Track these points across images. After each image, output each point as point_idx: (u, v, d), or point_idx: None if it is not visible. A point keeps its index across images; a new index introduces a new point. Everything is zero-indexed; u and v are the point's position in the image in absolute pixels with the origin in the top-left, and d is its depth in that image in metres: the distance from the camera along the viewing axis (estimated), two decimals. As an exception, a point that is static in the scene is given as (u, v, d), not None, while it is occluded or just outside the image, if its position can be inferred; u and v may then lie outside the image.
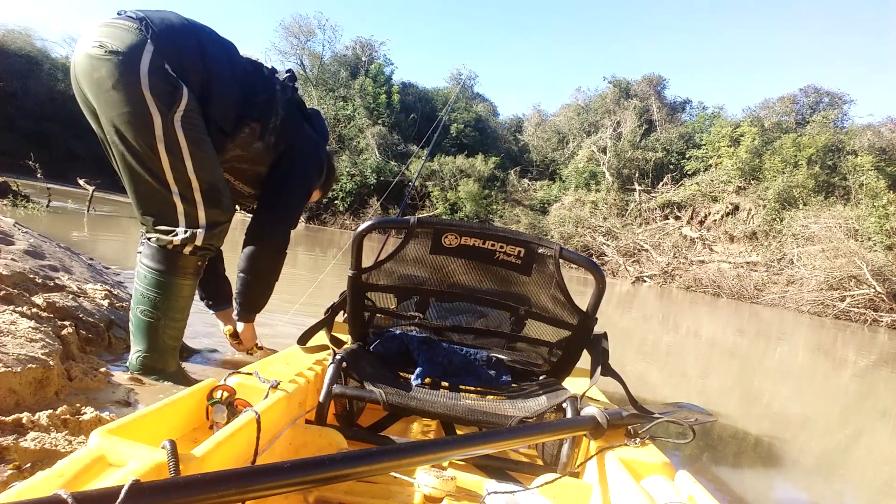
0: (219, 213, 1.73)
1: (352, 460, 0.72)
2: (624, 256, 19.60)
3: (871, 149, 18.94)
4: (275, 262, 2.01)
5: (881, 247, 13.94)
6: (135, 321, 1.76)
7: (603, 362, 1.30)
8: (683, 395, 3.16)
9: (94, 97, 1.55)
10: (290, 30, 29.77)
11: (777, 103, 23.90)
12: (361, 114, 26.33)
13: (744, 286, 15.45)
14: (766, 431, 2.65)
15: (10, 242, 2.86)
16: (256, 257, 1.95)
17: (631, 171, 23.76)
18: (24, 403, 1.35)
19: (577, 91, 30.87)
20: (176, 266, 1.72)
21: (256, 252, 1.95)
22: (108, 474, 0.66)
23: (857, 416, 3.47)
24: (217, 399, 0.97)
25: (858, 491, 2.18)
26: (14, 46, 27.31)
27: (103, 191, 11.42)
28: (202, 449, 0.77)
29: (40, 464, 1.10)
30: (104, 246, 5.48)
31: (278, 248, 1.99)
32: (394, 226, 1.31)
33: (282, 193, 1.96)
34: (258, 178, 1.96)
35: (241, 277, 1.99)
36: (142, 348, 1.76)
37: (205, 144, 1.66)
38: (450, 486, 1.06)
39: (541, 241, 1.25)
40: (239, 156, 1.86)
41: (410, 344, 1.50)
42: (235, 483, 0.60)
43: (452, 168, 24.31)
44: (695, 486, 0.95)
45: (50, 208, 8.72)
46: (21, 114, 26.11)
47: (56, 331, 1.76)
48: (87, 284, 2.61)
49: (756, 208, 18.92)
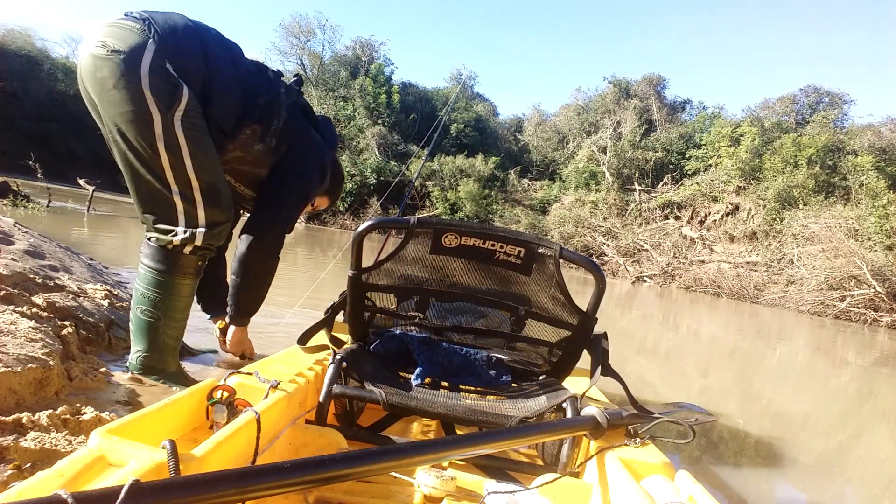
0: (218, 213, 1.73)
1: (352, 460, 0.72)
2: (624, 256, 19.60)
3: (871, 149, 18.94)
4: (267, 263, 1.96)
5: (881, 247, 13.94)
6: (135, 321, 1.76)
7: (603, 362, 1.30)
8: (683, 394, 3.16)
9: (97, 96, 1.57)
10: (289, 30, 29.83)
11: (777, 103, 23.91)
12: (361, 114, 26.34)
13: (744, 286, 15.44)
14: (766, 431, 2.65)
15: (11, 242, 2.86)
16: (248, 258, 1.91)
17: (631, 170, 23.76)
18: (24, 403, 1.34)
19: (577, 91, 30.96)
20: (176, 266, 1.73)
21: (248, 252, 1.90)
22: (109, 474, 0.66)
23: (857, 416, 3.47)
24: (217, 399, 0.97)
25: (859, 491, 2.18)
26: (14, 46, 27.31)
27: (103, 191, 11.44)
28: (202, 449, 0.77)
29: (40, 464, 1.10)
30: (104, 246, 5.48)
31: (271, 250, 1.94)
32: (394, 226, 1.31)
33: (278, 193, 1.94)
34: (259, 180, 1.95)
35: (232, 279, 1.95)
36: (142, 348, 1.76)
37: (205, 144, 1.66)
38: (450, 486, 1.06)
39: (541, 241, 1.25)
40: (239, 157, 1.85)
41: (410, 344, 1.50)
42: (235, 483, 0.60)
43: (452, 168, 24.31)
44: (695, 486, 0.95)
45: (50, 208, 8.72)
46: (21, 114, 26.13)
47: (56, 331, 1.76)
48: (87, 284, 2.61)
49: (756, 208, 18.92)
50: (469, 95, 31.45)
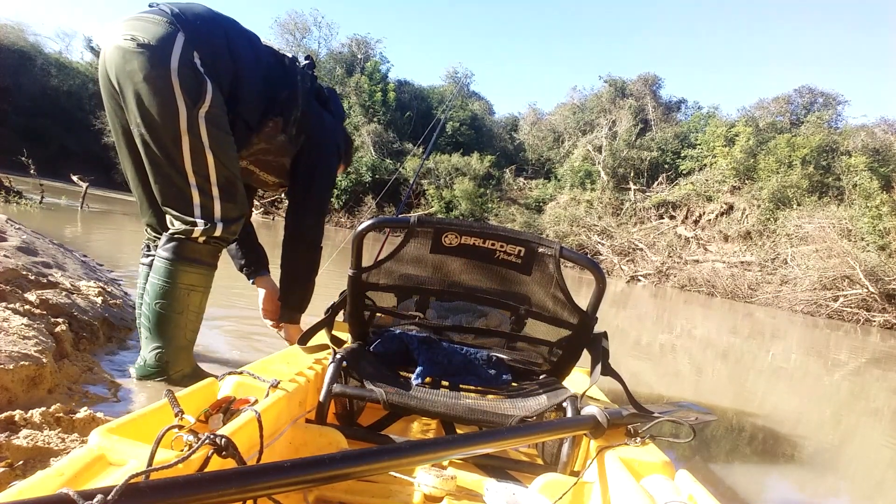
0: (233, 208, 1.76)
1: (352, 460, 0.72)
2: (619, 255, 19.68)
3: (864, 149, 19.07)
4: (313, 255, 2.06)
5: (874, 247, 14.05)
6: (152, 317, 1.72)
7: (603, 361, 1.30)
8: (678, 393, 3.17)
9: (124, 88, 1.59)
10: (285, 27, 29.72)
11: (772, 103, 24.01)
12: (357, 111, 26.28)
13: (738, 286, 15.54)
14: (760, 430, 2.67)
15: (3, 239, 2.83)
16: (296, 255, 2.02)
17: (626, 170, 23.83)
18: (17, 401, 1.33)
19: (572, 90, 31.02)
20: (194, 258, 1.74)
21: (295, 250, 2.01)
22: (108, 473, 0.65)
23: (850, 415, 3.50)
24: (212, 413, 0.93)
25: (852, 488, 2.19)
26: (6, 41, 27.09)
27: (96, 187, 11.36)
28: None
29: (33, 461, 1.09)
30: (97, 243, 5.44)
31: (315, 242, 2.05)
32: (394, 225, 1.30)
33: (310, 189, 2.01)
34: (282, 168, 2.01)
35: (283, 278, 2.05)
36: (160, 344, 1.72)
37: (226, 141, 1.70)
38: (450, 485, 1.05)
39: (541, 241, 1.24)
40: (264, 149, 1.91)
41: (411, 343, 1.49)
42: (235, 482, 0.59)
43: (448, 166, 24.30)
44: (695, 486, 0.95)
45: (43, 205, 8.65)
46: (14, 109, 25.90)
47: (49, 328, 1.74)
48: (80, 281, 2.59)
49: (750, 208, 19.03)
50: (465, 93, 31.42)
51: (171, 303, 1.71)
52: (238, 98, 1.71)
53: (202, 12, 1.68)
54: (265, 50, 1.87)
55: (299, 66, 1.93)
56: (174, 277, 1.71)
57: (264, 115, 1.82)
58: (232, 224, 1.77)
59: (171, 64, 1.54)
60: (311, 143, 1.97)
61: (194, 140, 1.62)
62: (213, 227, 1.71)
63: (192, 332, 1.80)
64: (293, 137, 1.92)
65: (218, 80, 1.63)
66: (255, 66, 1.77)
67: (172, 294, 1.71)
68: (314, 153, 1.99)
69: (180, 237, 1.71)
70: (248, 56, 1.76)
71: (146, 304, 1.75)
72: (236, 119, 1.73)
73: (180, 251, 1.71)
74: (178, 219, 1.70)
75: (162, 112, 1.57)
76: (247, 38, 1.80)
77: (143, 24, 1.56)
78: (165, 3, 1.63)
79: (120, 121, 1.72)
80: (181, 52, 1.55)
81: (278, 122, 1.86)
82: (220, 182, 1.70)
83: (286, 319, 2.11)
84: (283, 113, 1.85)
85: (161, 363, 1.73)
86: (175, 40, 1.55)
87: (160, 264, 1.73)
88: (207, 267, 1.79)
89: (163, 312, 1.71)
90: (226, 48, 1.68)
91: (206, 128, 1.62)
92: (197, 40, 1.59)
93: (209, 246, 1.75)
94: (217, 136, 1.65)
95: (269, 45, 1.92)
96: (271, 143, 1.89)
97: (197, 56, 1.58)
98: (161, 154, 1.63)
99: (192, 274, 1.74)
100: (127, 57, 1.55)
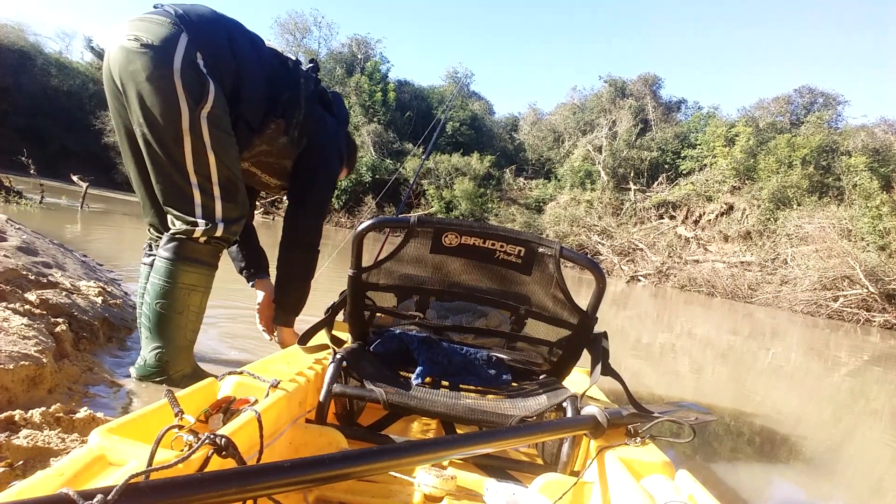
0: (234, 208, 1.77)
1: (352, 460, 0.72)
2: (619, 255, 19.67)
3: (864, 149, 19.06)
4: (310, 258, 2.07)
5: (874, 247, 14.04)
6: (153, 317, 1.72)
7: (603, 361, 1.30)
8: (678, 393, 3.17)
9: (127, 88, 1.59)
10: (285, 27, 29.78)
11: (772, 103, 24.01)
12: (357, 111, 26.28)
13: (738, 286, 15.53)
14: (760, 430, 2.67)
15: (3, 238, 2.83)
16: (293, 257, 2.03)
17: (626, 170, 23.83)
18: (17, 401, 1.33)
19: (572, 90, 31.04)
20: (195, 258, 1.74)
21: (292, 251, 2.02)
22: (108, 473, 0.65)
23: (850, 415, 3.50)
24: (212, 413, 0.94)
25: (851, 488, 2.19)
26: (6, 41, 27.08)
27: (96, 187, 11.36)
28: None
29: (33, 461, 1.09)
30: (97, 243, 5.43)
31: (312, 244, 2.06)
32: (394, 225, 1.30)
33: (310, 192, 2.03)
34: (283, 170, 2.03)
35: (278, 280, 2.05)
36: (160, 344, 1.72)
37: (228, 142, 1.70)
38: (450, 485, 1.05)
39: (541, 241, 1.24)
40: (265, 150, 1.92)
41: (411, 343, 1.49)
42: (235, 482, 0.59)
43: (448, 166, 24.30)
44: (695, 486, 0.95)
45: (43, 204, 8.65)
46: (14, 109, 25.91)
47: (49, 328, 1.74)
48: (80, 281, 2.59)
49: (750, 208, 19.03)
50: (465, 93, 31.42)
51: (171, 303, 1.71)
52: (240, 98, 1.72)
53: (206, 13, 1.69)
54: (268, 52, 1.88)
55: (303, 69, 1.93)
56: (175, 277, 1.71)
57: (266, 116, 1.83)
58: (233, 224, 1.77)
59: (174, 64, 1.55)
60: (313, 146, 1.98)
61: (196, 140, 1.62)
62: (215, 227, 1.71)
63: (193, 332, 1.80)
64: (295, 140, 1.92)
65: (220, 81, 1.64)
66: (257, 66, 1.77)
67: (173, 294, 1.71)
68: (316, 156, 2.00)
69: (181, 237, 1.71)
70: (251, 57, 1.76)
71: (147, 303, 1.75)
72: (238, 120, 1.74)
73: (181, 251, 1.72)
74: (179, 218, 1.70)
75: (164, 112, 1.58)
76: (250, 40, 1.81)
77: (147, 24, 1.57)
78: (170, 4, 1.64)
79: (123, 121, 1.73)
80: (184, 53, 1.56)
81: (280, 124, 1.86)
82: (221, 182, 1.70)
83: (281, 322, 2.11)
84: (286, 115, 1.86)
85: (161, 363, 1.72)
86: (178, 41, 1.56)
87: (161, 264, 1.73)
88: (208, 267, 1.79)
89: (163, 312, 1.71)
90: (228, 49, 1.69)
91: (207, 128, 1.63)
92: (200, 41, 1.60)
93: (210, 246, 1.76)
94: (219, 136, 1.66)
95: (273, 48, 1.92)
96: (273, 145, 1.90)
97: (200, 57, 1.59)
98: (163, 154, 1.63)
99: (192, 274, 1.74)
100: (130, 57, 1.56)
